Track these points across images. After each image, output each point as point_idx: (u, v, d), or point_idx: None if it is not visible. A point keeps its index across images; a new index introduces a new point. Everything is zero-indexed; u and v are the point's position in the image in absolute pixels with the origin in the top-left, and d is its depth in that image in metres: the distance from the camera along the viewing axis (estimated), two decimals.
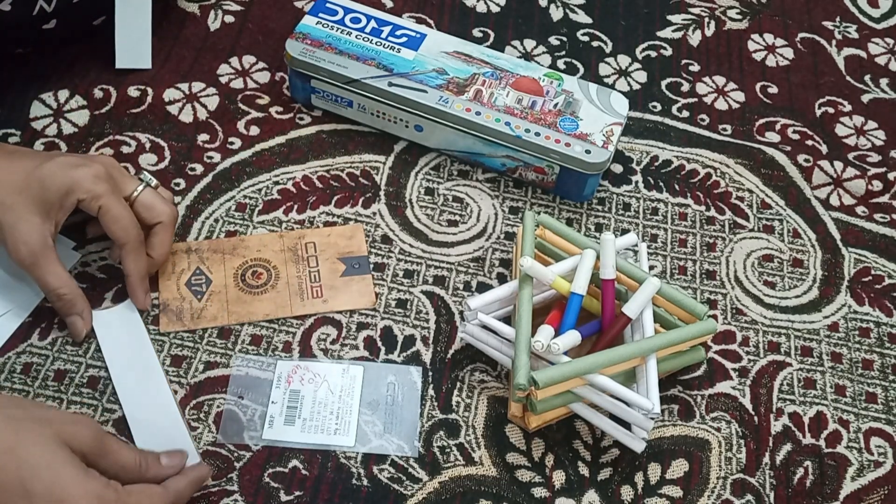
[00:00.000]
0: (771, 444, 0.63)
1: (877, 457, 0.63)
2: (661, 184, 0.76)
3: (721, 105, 0.83)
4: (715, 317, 0.68)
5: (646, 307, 0.61)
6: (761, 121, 0.82)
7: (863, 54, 0.89)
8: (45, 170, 0.59)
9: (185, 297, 0.65)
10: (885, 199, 0.77)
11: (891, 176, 0.79)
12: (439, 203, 0.73)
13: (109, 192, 0.60)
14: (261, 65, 0.81)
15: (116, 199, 0.61)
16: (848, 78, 0.86)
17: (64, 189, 0.59)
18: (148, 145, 0.74)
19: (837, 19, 0.92)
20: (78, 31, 0.77)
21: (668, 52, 0.87)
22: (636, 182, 0.76)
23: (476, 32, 0.86)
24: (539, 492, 0.59)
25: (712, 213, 0.75)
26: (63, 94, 0.76)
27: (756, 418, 0.64)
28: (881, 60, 0.88)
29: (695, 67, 0.85)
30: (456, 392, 0.63)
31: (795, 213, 0.75)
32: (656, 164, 0.77)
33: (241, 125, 0.76)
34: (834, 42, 0.89)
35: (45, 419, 0.50)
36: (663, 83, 0.84)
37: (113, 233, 0.61)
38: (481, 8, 0.88)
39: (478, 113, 0.72)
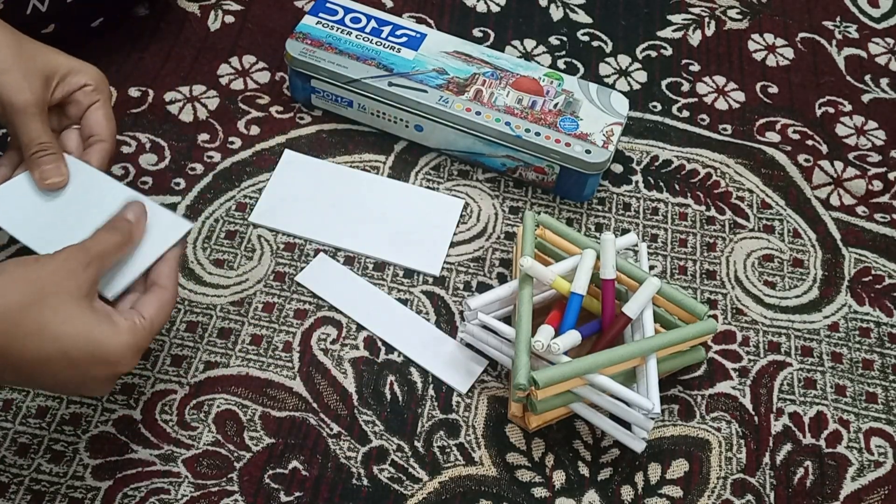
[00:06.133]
0: (771, 444, 0.63)
1: (877, 457, 0.63)
2: (662, 184, 0.76)
3: (721, 105, 0.83)
4: (715, 317, 0.68)
5: (646, 307, 0.61)
6: (761, 121, 0.82)
7: (863, 54, 0.89)
8: (48, 48, 0.59)
9: None
10: (885, 199, 0.77)
11: (891, 176, 0.79)
12: None
13: (109, 97, 0.61)
14: (261, 65, 0.81)
15: (110, 103, 0.61)
16: (848, 78, 0.86)
17: (73, 68, 0.59)
18: (148, 145, 0.74)
19: (838, 19, 0.92)
20: (76, 35, 0.77)
21: (669, 52, 0.87)
22: (636, 182, 0.76)
23: (476, 32, 0.86)
24: (539, 492, 0.59)
25: (712, 213, 0.75)
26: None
27: (756, 418, 0.64)
28: (881, 60, 0.88)
29: (695, 67, 0.85)
30: (456, 392, 0.63)
31: (795, 213, 0.75)
32: (656, 164, 0.77)
33: (241, 125, 0.76)
34: (834, 42, 0.89)
35: (42, 279, 0.48)
36: (663, 83, 0.84)
37: (97, 127, 0.60)
38: (481, 8, 0.88)
39: (478, 113, 0.72)
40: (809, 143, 0.80)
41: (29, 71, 0.57)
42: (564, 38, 0.87)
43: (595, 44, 0.86)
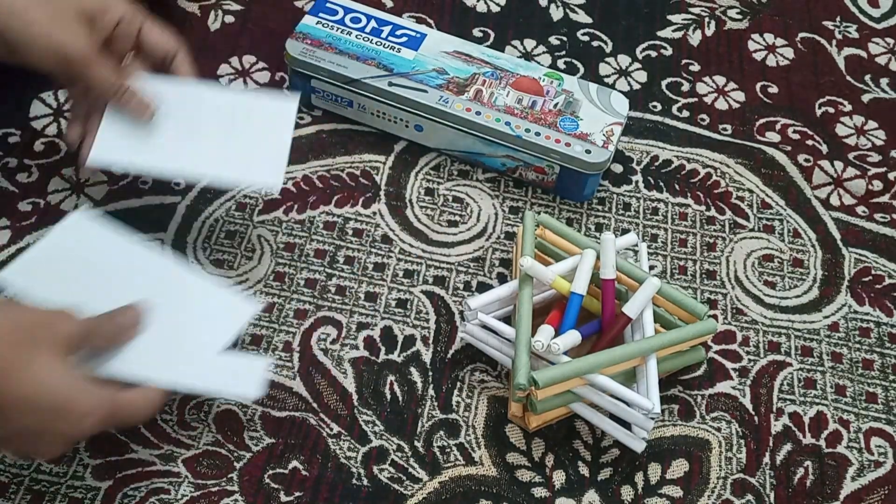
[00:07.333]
0: (771, 444, 0.63)
1: (877, 457, 0.63)
2: (662, 184, 0.76)
3: (721, 105, 0.83)
4: (715, 317, 0.68)
5: (646, 307, 0.61)
6: (761, 121, 0.82)
7: (863, 54, 0.89)
8: None
9: None
10: (885, 198, 0.77)
11: (891, 176, 0.79)
12: (439, 203, 0.73)
13: (146, 13, 0.60)
14: (261, 65, 0.81)
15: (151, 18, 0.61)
16: (848, 78, 0.86)
17: (101, 5, 0.58)
18: None
19: (838, 19, 0.92)
20: None
21: (669, 51, 0.87)
22: (636, 182, 0.76)
23: (476, 32, 0.86)
24: (539, 492, 0.59)
25: (712, 212, 0.75)
26: (63, 94, 0.75)
27: (756, 418, 0.64)
28: (881, 60, 0.88)
29: (695, 67, 0.85)
30: (456, 392, 0.63)
31: (795, 213, 0.75)
32: (656, 163, 0.77)
33: None
34: (834, 42, 0.89)
35: (37, 326, 0.49)
36: (663, 83, 0.84)
37: (161, 43, 0.61)
38: (481, 8, 0.88)
39: (478, 113, 0.72)
40: (809, 143, 0.80)
41: (71, 20, 0.57)
42: (564, 38, 0.87)
43: (595, 44, 0.86)
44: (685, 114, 0.81)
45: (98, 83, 0.59)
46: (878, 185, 0.78)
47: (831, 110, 0.83)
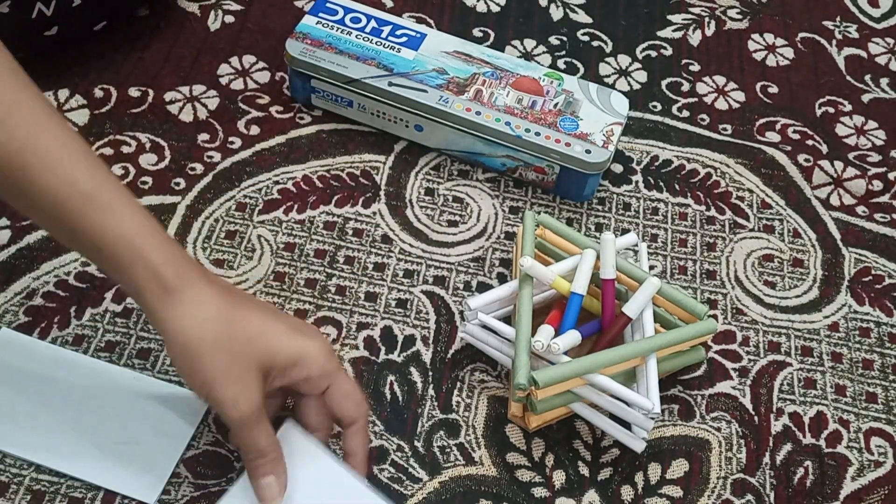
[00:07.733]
0: (771, 443, 0.63)
1: (877, 457, 0.63)
2: (662, 184, 0.76)
3: (721, 105, 0.83)
4: (715, 317, 0.68)
5: (646, 307, 0.61)
6: (761, 121, 0.82)
7: (863, 54, 0.89)
8: (271, 334, 0.52)
9: None
10: (885, 198, 0.77)
11: (891, 176, 0.79)
12: (439, 203, 0.73)
13: (340, 368, 0.54)
14: (261, 65, 0.81)
15: (346, 373, 0.55)
16: (848, 78, 0.86)
17: (293, 359, 0.52)
18: (148, 145, 0.74)
19: (838, 19, 0.92)
20: (79, 37, 0.77)
21: (669, 51, 0.87)
22: (636, 182, 0.76)
23: (476, 32, 0.86)
24: (539, 492, 0.59)
25: (712, 212, 0.75)
26: (63, 94, 0.76)
27: (756, 418, 0.64)
28: (881, 60, 0.88)
29: (695, 67, 0.85)
30: (456, 392, 0.63)
31: (795, 213, 0.75)
32: (656, 163, 0.77)
33: (241, 125, 0.76)
34: (834, 42, 0.89)
35: None
36: (663, 83, 0.84)
37: (343, 410, 0.54)
38: (481, 8, 0.88)
39: (478, 113, 0.72)
40: (809, 143, 0.80)
41: (243, 371, 0.50)
42: (564, 38, 0.87)
43: (595, 44, 0.86)
44: (685, 114, 0.81)
45: (244, 448, 0.52)
46: (878, 185, 0.78)
47: (831, 110, 0.83)
